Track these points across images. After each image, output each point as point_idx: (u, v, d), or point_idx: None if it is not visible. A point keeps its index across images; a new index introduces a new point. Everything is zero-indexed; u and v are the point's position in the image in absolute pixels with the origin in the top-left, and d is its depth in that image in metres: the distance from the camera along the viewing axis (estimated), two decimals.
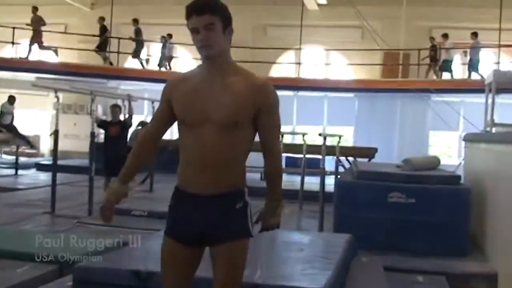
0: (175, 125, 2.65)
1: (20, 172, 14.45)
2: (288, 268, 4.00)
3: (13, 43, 18.02)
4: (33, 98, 18.18)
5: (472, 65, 16.41)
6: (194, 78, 2.53)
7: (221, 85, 2.47)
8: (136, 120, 10.98)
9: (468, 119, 15.11)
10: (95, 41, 18.33)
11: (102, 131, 10.04)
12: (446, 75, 17.07)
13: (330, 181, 8.51)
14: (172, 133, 20.10)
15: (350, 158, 13.70)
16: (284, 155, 7.85)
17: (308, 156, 10.64)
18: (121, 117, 9.92)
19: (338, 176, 8.82)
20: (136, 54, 18.39)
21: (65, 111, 18.60)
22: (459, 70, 18.23)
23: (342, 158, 12.80)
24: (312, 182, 10.92)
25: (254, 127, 2.54)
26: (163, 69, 18.52)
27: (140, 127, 11.79)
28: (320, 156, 8.03)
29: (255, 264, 3.89)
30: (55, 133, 8.64)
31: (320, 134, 8.12)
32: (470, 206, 6.78)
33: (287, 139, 12.33)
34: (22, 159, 15.87)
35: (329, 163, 8.98)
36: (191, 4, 2.44)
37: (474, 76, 16.34)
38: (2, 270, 4.65)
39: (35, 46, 17.58)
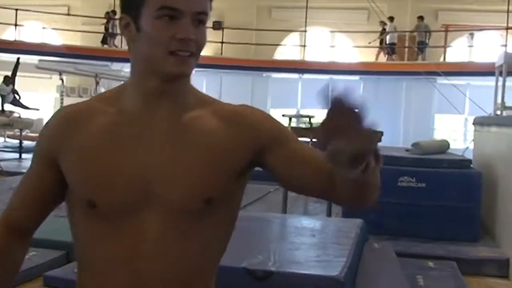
0: None
1: (24, 156, 14.37)
2: (302, 255, 3.93)
3: (16, 25, 17.88)
4: (36, 80, 18.10)
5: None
6: (115, 115, 1.29)
7: (178, 129, 1.29)
8: None
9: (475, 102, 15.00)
10: (98, 23, 18.20)
11: None
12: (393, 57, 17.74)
13: None
14: None
15: None
16: None
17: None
18: None
19: None
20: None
21: (69, 94, 18.48)
22: (464, 53, 18.10)
23: None
24: None
25: (242, 188, 1.41)
26: (106, 46, 18.26)
27: None
28: None
29: (267, 251, 3.82)
30: None
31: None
32: (481, 191, 6.70)
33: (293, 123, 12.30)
34: (26, 143, 15.81)
35: None
36: None
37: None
38: None
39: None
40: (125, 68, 18.16)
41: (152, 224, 1.24)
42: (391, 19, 17.46)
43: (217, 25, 19.53)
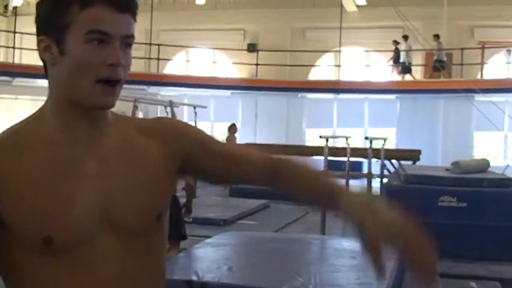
0: None
1: None
2: (343, 277, 3.91)
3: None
4: None
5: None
6: (45, 144, 1.21)
7: (112, 151, 1.26)
8: None
9: None
10: (136, 48, 18.46)
11: None
12: (407, 77, 17.74)
13: (373, 185, 8.38)
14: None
15: (394, 161, 13.49)
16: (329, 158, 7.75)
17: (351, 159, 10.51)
18: None
19: (384, 180, 8.66)
20: None
21: None
22: (503, 68, 17.88)
23: (385, 161, 12.61)
24: (353, 186, 10.77)
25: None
26: None
27: None
28: (361, 159, 7.92)
29: (308, 274, 3.81)
30: None
31: (366, 138, 8.01)
32: None
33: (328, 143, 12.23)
34: None
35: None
36: None
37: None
38: None
39: None
40: (162, 92, 18.44)
41: (109, 250, 1.20)
42: (405, 38, 17.44)
43: (252, 48, 19.70)
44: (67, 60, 1.17)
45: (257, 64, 19.04)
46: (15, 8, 20.53)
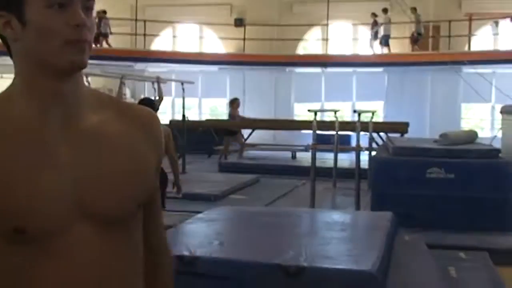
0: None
1: None
2: (333, 249, 3.94)
3: None
4: None
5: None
6: (13, 128, 1.17)
7: (88, 135, 1.21)
8: (164, 102, 10.98)
9: (501, 90, 14.86)
10: (122, 24, 18.32)
11: None
12: (385, 50, 17.89)
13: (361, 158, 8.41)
14: (200, 113, 20.17)
15: (382, 134, 13.54)
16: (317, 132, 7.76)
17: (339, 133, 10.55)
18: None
19: (373, 153, 8.70)
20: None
21: None
22: (490, 40, 17.91)
23: (374, 134, 12.66)
24: (341, 159, 10.82)
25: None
26: (98, 46, 17.65)
27: None
28: (350, 133, 7.94)
29: (298, 246, 3.83)
30: None
31: (355, 111, 8.02)
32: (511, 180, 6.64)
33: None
34: None
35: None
36: None
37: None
38: None
39: None
40: (149, 68, 18.33)
41: (85, 238, 1.16)
42: (385, 11, 17.57)
43: (239, 22, 19.56)
44: (31, 30, 1.14)
45: (244, 39, 18.94)
46: None
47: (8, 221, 1.12)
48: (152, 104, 7.84)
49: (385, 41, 17.74)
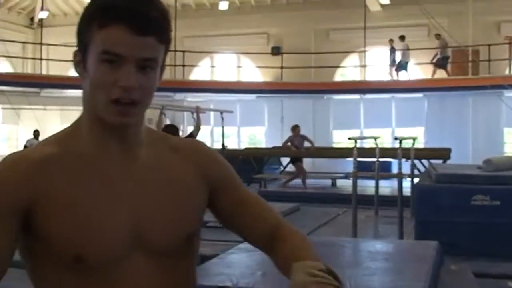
0: None
1: None
2: (378, 280, 3.86)
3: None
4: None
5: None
6: (78, 160, 1.22)
7: (144, 169, 1.26)
8: (203, 131, 11.07)
9: None
10: None
11: None
12: (404, 75, 17.98)
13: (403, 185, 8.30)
14: (239, 142, 20.24)
15: (423, 161, 13.36)
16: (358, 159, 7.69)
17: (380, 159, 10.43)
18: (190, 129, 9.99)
19: (415, 180, 8.57)
20: None
21: None
22: None
23: (416, 161, 12.50)
24: (382, 186, 10.69)
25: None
26: None
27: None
28: (390, 160, 7.84)
29: (342, 277, 3.76)
30: None
31: (396, 138, 7.94)
32: None
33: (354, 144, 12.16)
34: None
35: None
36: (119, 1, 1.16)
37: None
38: None
39: None
40: (188, 98, 18.54)
41: (140, 269, 1.20)
42: (402, 38, 17.63)
43: (276, 51, 19.70)
44: (88, 77, 1.18)
45: (281, 67, 19.03)
46: (41, 20, 20.83)
47: (69, 249, 1.15)
48: (176, 130, 7.88)
49: (402, 68, 17.78)
